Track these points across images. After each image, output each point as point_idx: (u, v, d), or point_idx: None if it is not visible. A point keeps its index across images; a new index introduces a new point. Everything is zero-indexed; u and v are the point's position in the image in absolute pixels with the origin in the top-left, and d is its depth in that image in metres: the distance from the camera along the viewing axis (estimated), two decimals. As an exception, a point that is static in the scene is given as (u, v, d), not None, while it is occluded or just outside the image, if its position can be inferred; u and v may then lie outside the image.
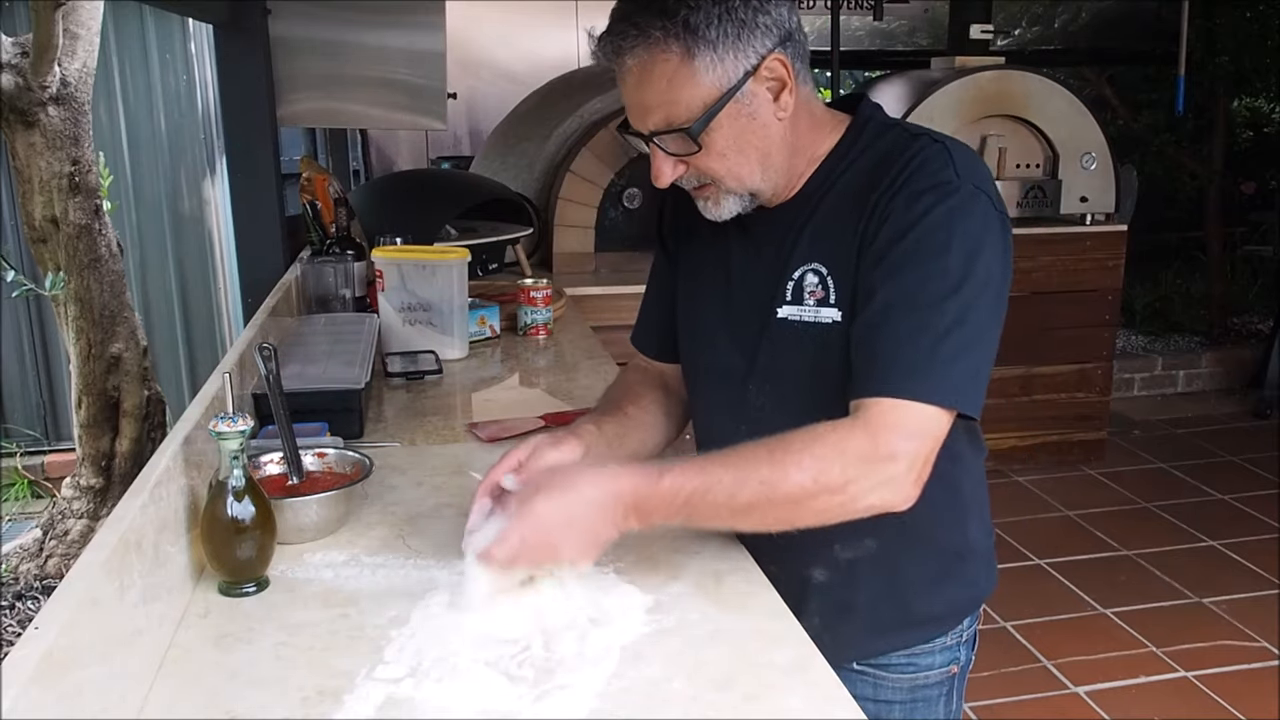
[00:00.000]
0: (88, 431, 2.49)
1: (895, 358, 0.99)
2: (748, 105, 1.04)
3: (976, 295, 0.99)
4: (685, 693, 0.90)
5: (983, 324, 1.00)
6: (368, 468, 1.30)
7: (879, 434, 0.97)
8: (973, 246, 1.00)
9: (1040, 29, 5.67)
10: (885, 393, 0.98)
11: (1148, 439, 4.48)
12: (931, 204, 1.01)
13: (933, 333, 0.98)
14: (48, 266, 2.38)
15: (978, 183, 1.03)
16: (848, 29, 5.01)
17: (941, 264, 0.99)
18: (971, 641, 1.26)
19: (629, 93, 1.07)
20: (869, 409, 0.99)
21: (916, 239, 1.00)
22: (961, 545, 1.21)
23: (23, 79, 2.15)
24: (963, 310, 0.98)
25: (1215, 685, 2.62)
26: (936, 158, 1.04)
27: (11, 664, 0.69)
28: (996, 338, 1.03)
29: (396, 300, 2.07)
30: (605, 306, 3.04)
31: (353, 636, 1.00)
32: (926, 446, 0.99)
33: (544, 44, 5.03)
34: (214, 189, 3.87)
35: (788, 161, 1.10)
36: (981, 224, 1.01)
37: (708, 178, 1.09)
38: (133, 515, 0.92)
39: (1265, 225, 6.10)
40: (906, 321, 0.99)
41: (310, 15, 2.38)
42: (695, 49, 1.00)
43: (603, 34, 1.05)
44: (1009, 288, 1.05)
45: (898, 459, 0.97)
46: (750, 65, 1.02)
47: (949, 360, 0.98)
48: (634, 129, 1.09)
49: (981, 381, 1.01)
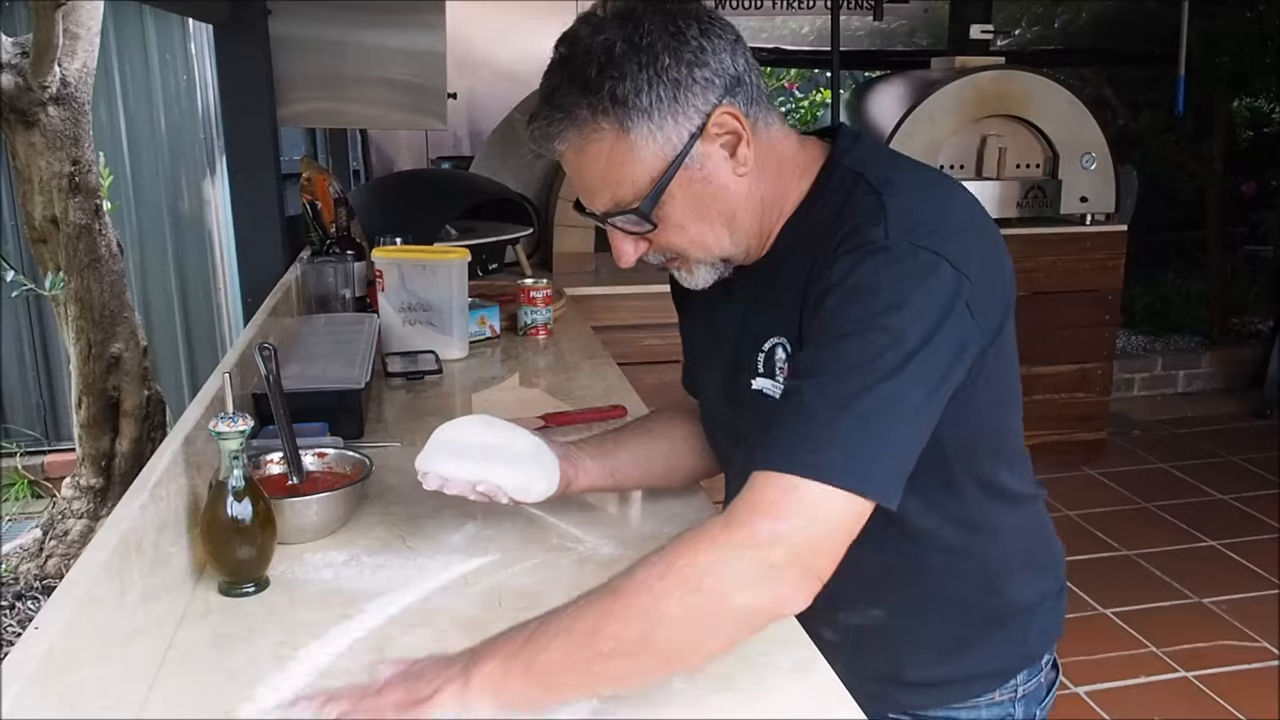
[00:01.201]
0: (88, 431, 2.49)
1: (783, 428, 0.86)
2: (700, 169, 0.95)
3: (896, 363, 0.84)
4: (685, 693, 0.90)
5: (898, 395, 0.85)
6: (368, 468, 1.30)
7: (737, 517, 0.83)
8: (894, 310, 0.86)
9: (1040, 29, 5.67)
10: (764, 465, 0.84)
11: (1148, 439, 4.48)
12: (851, 267, 0.89)
13: (829, 404, 0.84)
14: (48, 266, 2.38)
15: (916, 239, 0.88)
16: (848, 29, 5.01)
17: (857, 332, 0.86)
18: (1035, 697, 1.14)
19: (571, 175, 0.99)
20: (747, 487, 0.85)
21: (833, 307, 0.89)
22: (997, 608, 1.09)
23: (23, 79, 2.15)
24: (873, 381, 0.84)
25: (1215, 685, 2.62)
26: (871, 217, 0.91)
27: (11, 664, 0.69)
28: (927, 411, 0.88)
29: (396, 300, 2.06)
30: (605, 306, 3.04)
31: (352, 637, 1.00)
32: (812, 529, 0.82)
33: (544, 44, 5.01)
34: (214, 189, 3.87)
35: (758, 219, 1.01)
36: (911, 284, 0.87)
37: (671, 252, 1.01)
38: (133, 515, 0.92)
39: (1265, 225, 6.10)
40: (806, 390, 0.87)
41: (310, 15, 2.37)
42: (628, 122, 0.92)
43: (529, 119, 0.97)
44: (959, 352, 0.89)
45: (764, 544, 0.81)
46: (695, 126, 0.93)
47: (840, 434, 0.84)
48: (586, 210, 1.01)
49: (893, 461, 0.85)
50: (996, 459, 1.06)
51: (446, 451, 1.16)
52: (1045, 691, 1.17)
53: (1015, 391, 1.07)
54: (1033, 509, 1.15)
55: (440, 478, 1.15)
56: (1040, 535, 1.16)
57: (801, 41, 5.39)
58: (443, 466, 1.15)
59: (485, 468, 1.15)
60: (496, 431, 1.19)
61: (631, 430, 1.31)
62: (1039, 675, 1.15)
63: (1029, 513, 1.14)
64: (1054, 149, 3.94)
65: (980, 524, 1.05)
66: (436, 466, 1.16)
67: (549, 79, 0.96)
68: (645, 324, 3.10)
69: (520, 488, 1.16)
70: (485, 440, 1.18)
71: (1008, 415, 1.07)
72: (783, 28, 5.51)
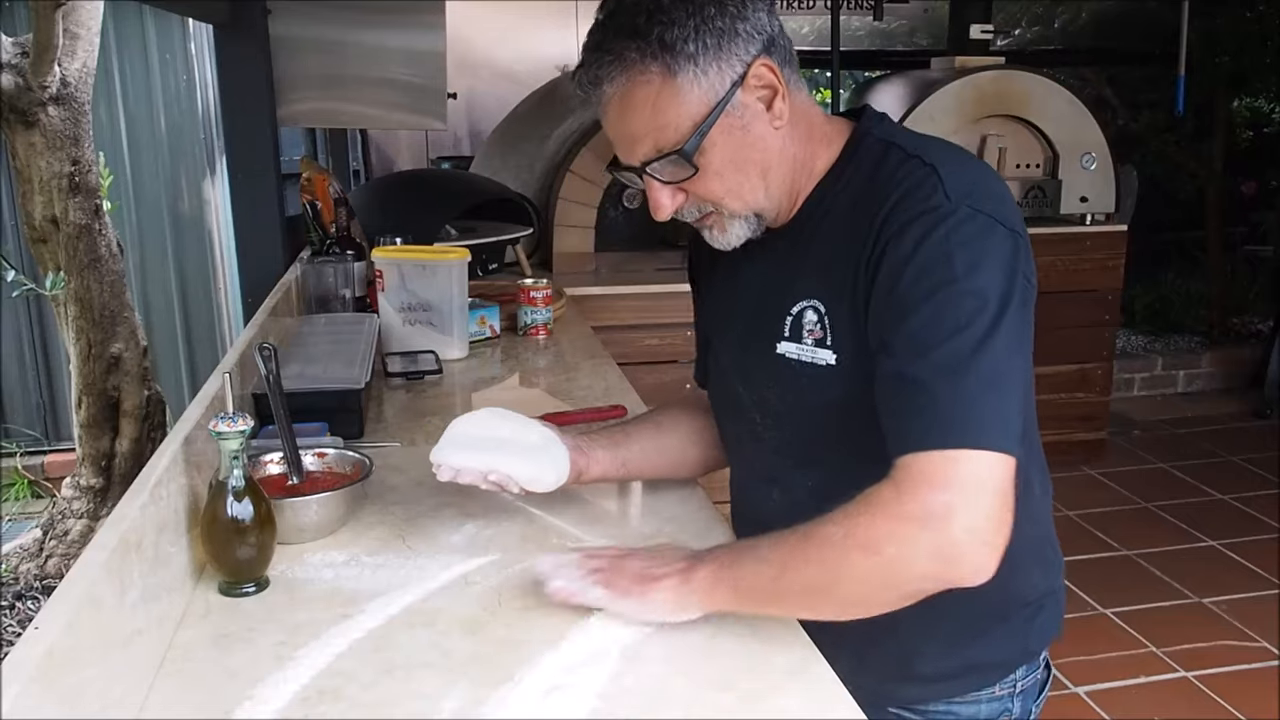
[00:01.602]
0: (88, 431, 2.49)
1: (914, 411, 0.91)
2: (740, 118, 0.99)
3: (989, 323, 0.90)
4: (685, 693, 0.90)
5: (1001, 352, 0.90)
6: (368, 468, 1.30)
7: (904, 488, 0.88)
8: (974, 272, 0.91)
9: (1040, 29, 5.67)
10: (910, 448, 0.89)
11: (1148, 439, 4.48)
12: (921, 236, 0.93)
13: (949, 375, 0.89)
14: (48, 266, 2.38)
15: (974, 203, 0.94)
16: (848, 29, 5.01)
17: (944, 299, 0.91)
18: (1031, 694, 1.16)
19: (613, 125, 1.02)
20: (906, 467, 0.89)
21: (913, 277, 0.93)
22: (1002, 600, 1.09)
23: (23, 79, 2.15)
24: (976, 343, 0.89)
25: (1215, 685, 2.62)
26: (924, 182, 0.96)
27: (11, 664, 0.69)
28: (1023, 362, 0.94)
29: (396, 300, 2.07)
30: (605, 306, 3.04)
31: (352, 637, 1.00)
32: (981, 499, 0.87)
33: (544, 44, 5.03)
34: (214, 189, 3.87)
35: (790, 175, 1.04)
36: (980, 246, 0.92)
37: (709, 203, 1.04)
38: (133, 515, 0.92)
39: (1265, 225, 6.10)
40: (919, 368, 0.91)
41: (310, 15, 2.37)
42: (675, 66, 0.96)
43: (578, 67, 1.01)
44: (1031, 302, 0.96)
45: (940, 516, 0.86)
46: (736, 75, 0.97)
47: (971, 400, 0.88)
48: (624, 165, 1.04)
49: (1011, 415, 0.91)
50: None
51: (460, 444, 1.20)
52: (1039, 689, 1.18)
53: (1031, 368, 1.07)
54: (1044, 504, 1.16)
55: (453, 469, 1.19)
56: (1047, 532, 1.17)
57: (801, 41, 5.39)
58: (456, 458, 1.20)
59: (497, 458, 1.20)
60: (509, 424, 1.24)
61: (642, 423, 1.35)
62: (1036, 671, 1.16)
63: (1041, 507, 1.15)
64: (1054, 149, 3.94)
65: None
66: (450, 458, 1.19)
67: (594, 34, 1.00)
68: (645, 324, 3.10)
69: (531, 478, 1.21)
70: (498, 433, 1.23)
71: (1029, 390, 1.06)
72: (783, 28, 5.51)
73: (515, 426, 1.24)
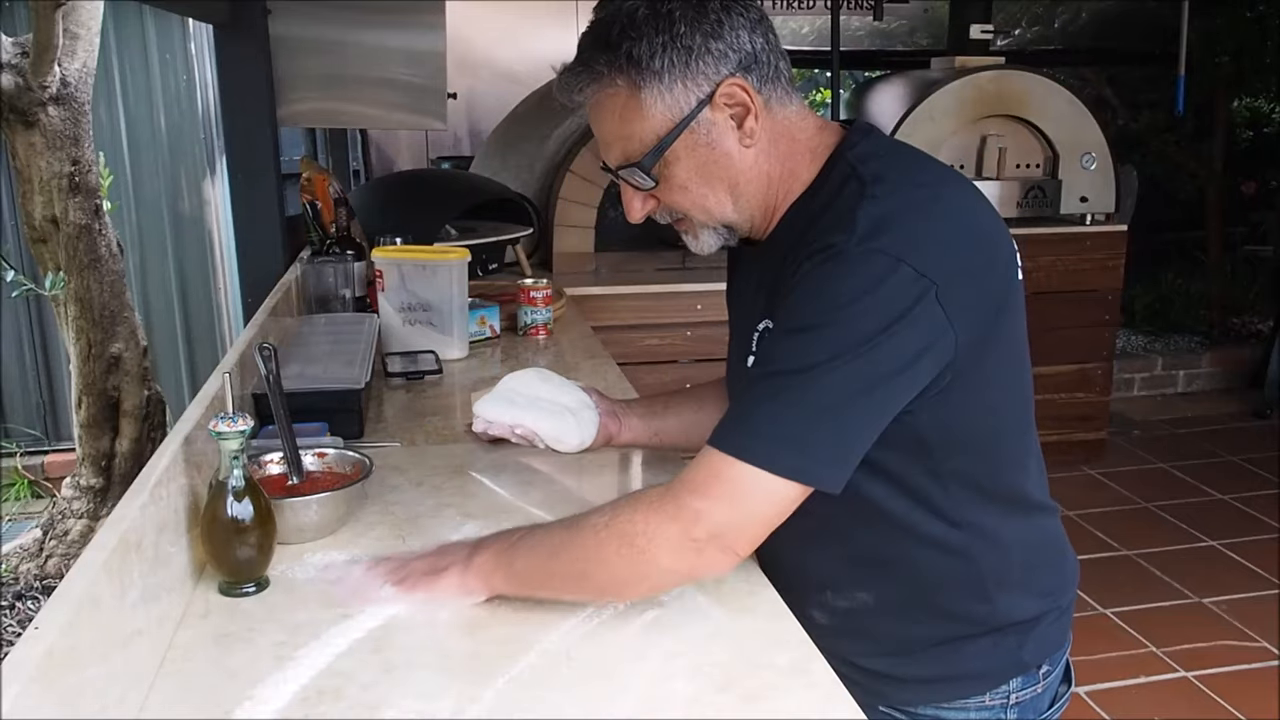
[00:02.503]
0: (88, 431, 2.49)
1: (731, 410, 0.96)
2: (705, 135, 1.00)
3: (836, 358, 0.89)
4: (685, 693, 0.90)
5: (837, 387, 0.90)
6: (368, 468, 1.30)
7: (672, 486, 0.95)
8: (840, 310, 0.90)
9: (1040, 29, 5.67)
10: (709, 441, 0.95)
11: (1148, 439, 4.48)
12: (810, 269, 0.93)
13: (767, 393, 0.92)
14: (48, 266, 2.38)
15: (878, 244, 0.90)
16: (848, 29, 5.01)
17: (803, 326, 0.92)
18: (1032, 705, 1.13)
19: (593, 127, 1.06)
20: (690, 463, 0.96)
21: (791, 303, 0.95)
22: (988, 615, 1.09)
23: (23, 79, 2.15)
24: (808, 373, 0.90)
25: (1215, 685, 2.62)
26: (843, 215, 0.94)
27: (11, 664, 0.69)
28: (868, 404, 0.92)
29: (396, 300, 2.07)
30: (605, 306, 3.04)
31: (352, 637, 1.00)
32: (736, 508, 0.92)
33: (544, 44, 5.03)
34: (214, 189, 3.87)
35: (763, 192, 1.05)
36: (863, 286, 0.90)
37: (677, 212, 1.07)
38: (133, 515, 0.92)
39: (1265, 225, 6.10)
40: (753, 382, 0.95)
41: (310, 15, 2.37)
42: (641, 81, 0.98)
43: (559, 74, 1.04)
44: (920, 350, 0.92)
45: (689, 518, 0.92)
46: (703, 93, 0.98)
47: (775, 419, 0.91)
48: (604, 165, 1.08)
49: (826, 447, 0.91)
50: (987, 461, 1.05)
51: (501, 398, 1.35)
52: (1048, 703, 1.15)
53: (1015, 395, 1.07)
54: (1041, 523, 1.14)
55: (486, 421, 1.34)
56: (1047, 553, 1.15)
57: (801, 41, 5.39)
58: (490, 411, 1.35)
59: (526, 414, 1.34)
60: (549, 385, 1.39)
61: (685, 397, 1.41)
62: (1036, 684, 1.13)
63: (1037, 527, 1.13)
64: (1054, 149, 3.94)
65: (969, 523, 1.05)
66: (486, 411, 1.35)
67: (581, 39, 1.04)
68: (645, 324, 3.10)
69: (554, 437, 1.35)
70: (536, 392, 1.37)
71: (1004, 418, 1.06)
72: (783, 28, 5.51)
73: (553, 388, 1.37)
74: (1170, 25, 4.49)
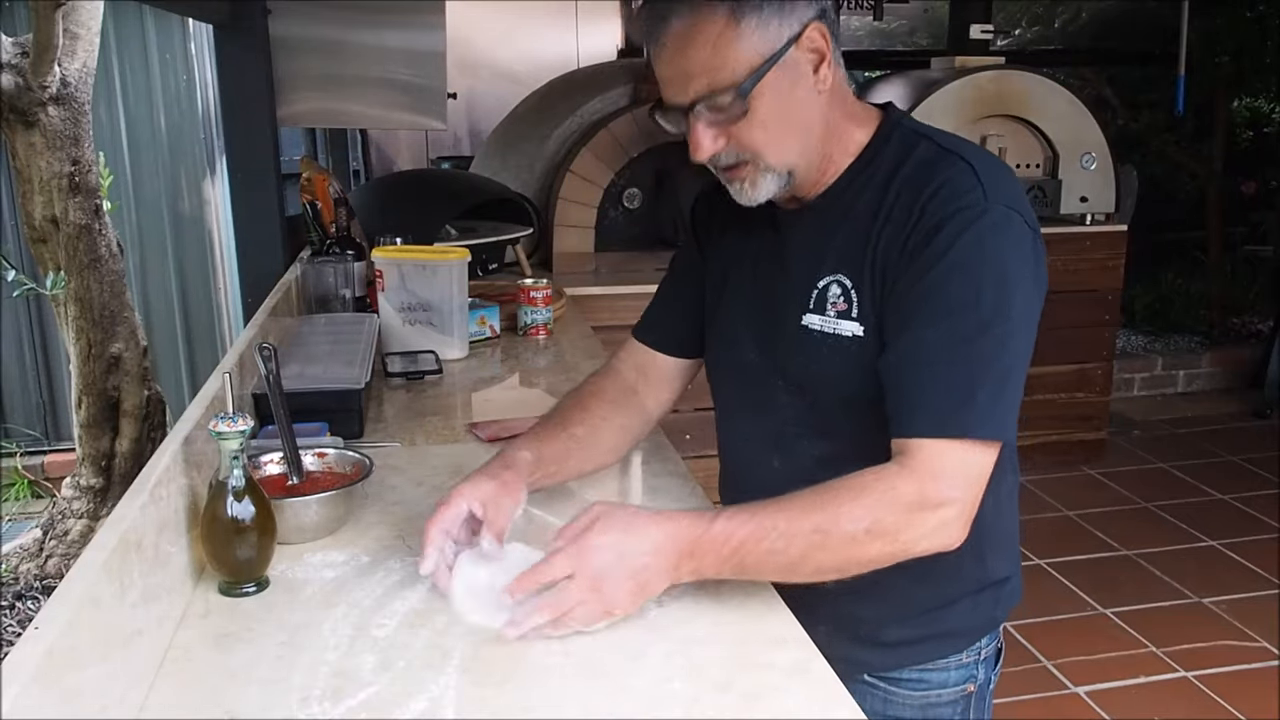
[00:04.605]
0: (88, 431, 2.49)
1: (935, 397, 0.98)
2: (790, 73, 1.03)
3: (1011, 324, 0.98)
4: (685, 693, 0.90)
5: (1017, 352, 1.00)
6: (368, 468, 1.30)
7: (926, 482, 0.97)
8: (1004, 273, 0.99)
9: (1040, 29, 5.68)
10: (928, 433, 0.98)
11: (1148, 439, 4.48)
12: (958, 231, 0.99)
13: (971, 370, 0.98)
14: (48, 266, 2.38)
15: (1009, 202, 1.01)
16: (848, 29, 5.02)
17: (973, 296, 0.98)
18: (992, 660, 1.23)
19: (669, 62, 1.04)
20: (914, 453, 0.98)
21: (946, 270, 0.99)
22: (979, 576, 1.18)
23: (23, 79, 2.15)
24: (998, 342, 0.98)
25: (1215, 685, 2.62)
26: (963, 178, 1.01)
27: (11, 664, 0.69)
28: (1028, 361, 1.02)
29: (396, 300, 2.07)
30: (605, 306, 3.04)
31: (353, 637, 1.00)
32: (975, 489, 0.99)
33: (544, 44, 5.03)
34: (214, 189, 3.87)
35: (825, 142, 1.08)
36: (1012, 247, 1.00)
37: (747, 152, 1.06)
38: (133, 515, 0.92)
39: (1265, 225, 6.10)
40: (943, 358, 0.98)
41: (310, 15, 2.38)
42: (741, 11, 1.00)
43: (641, 5, 1.05)
44: (1041, 304, 1.04)
45: (948, 505, 0.97)
46: (794, 31, 1.01)
47: (990, 397, 0.98)
48: (670, 104, 1.06)
49: (1012, 407, 1.00)
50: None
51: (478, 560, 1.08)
52: (996, 657, 1.25)
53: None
54: (1014, 481, 1.21)
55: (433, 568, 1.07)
56: (1012, 517, 1.23)
57: (801, 41, 5.38)
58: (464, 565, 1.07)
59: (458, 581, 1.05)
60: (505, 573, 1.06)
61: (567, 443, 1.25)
62: (996, 639, 1.23)
63: (1014, 485, 1.20)
64: (1054, 149, 3.94)
65: None
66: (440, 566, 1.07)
67: None
68: (645, 324, 3.09)
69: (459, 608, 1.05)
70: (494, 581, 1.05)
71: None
72: (783, 28, 5.51)
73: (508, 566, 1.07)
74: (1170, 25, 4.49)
